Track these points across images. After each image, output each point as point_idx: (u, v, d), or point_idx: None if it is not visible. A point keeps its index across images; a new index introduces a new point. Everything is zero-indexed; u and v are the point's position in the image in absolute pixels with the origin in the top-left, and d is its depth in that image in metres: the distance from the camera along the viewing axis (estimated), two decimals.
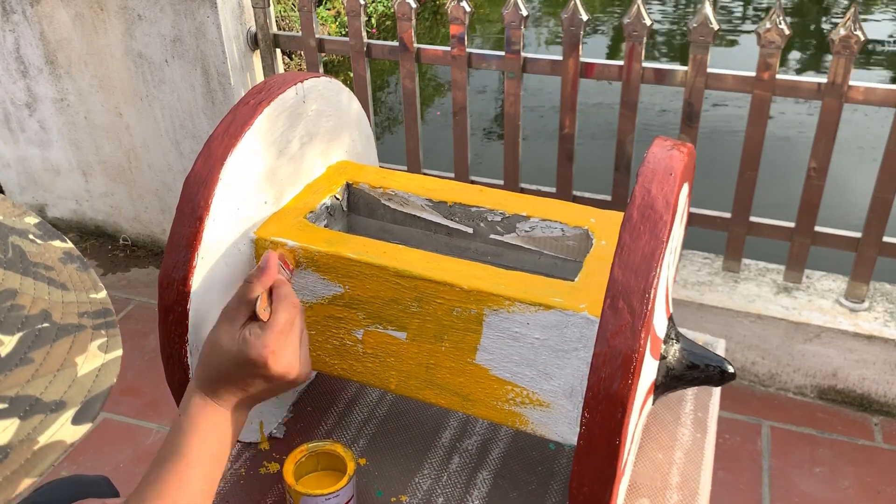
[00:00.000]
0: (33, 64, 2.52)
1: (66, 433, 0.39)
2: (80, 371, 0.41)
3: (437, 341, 0.84)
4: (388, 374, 0.89)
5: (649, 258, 0.68)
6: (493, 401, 0.84)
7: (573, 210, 0.95)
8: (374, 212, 1.04)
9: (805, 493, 1.81)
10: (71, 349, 0.42)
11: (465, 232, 0.99)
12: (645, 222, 0.70)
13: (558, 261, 0.96)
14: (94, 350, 0.43)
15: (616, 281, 0.68)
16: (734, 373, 0.85)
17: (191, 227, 0.82)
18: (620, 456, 0.69)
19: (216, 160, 0.83)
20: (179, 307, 0.82)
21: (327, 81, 0.99)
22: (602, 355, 0.67)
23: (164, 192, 2.64)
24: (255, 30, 2.31)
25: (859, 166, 3.64)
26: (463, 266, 0.84)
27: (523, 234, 0.96)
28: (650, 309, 0.67)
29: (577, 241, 0.94)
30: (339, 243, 0.88)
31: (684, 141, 0.82)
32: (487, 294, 0.80)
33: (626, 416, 0.67)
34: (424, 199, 0.99)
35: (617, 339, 0.67)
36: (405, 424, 1.04)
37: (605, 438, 0.68)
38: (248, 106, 0.87)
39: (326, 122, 1.02)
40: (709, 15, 1.83)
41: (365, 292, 0.86)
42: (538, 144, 3.91)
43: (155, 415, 2.09)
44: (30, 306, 0.42)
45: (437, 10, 6.48)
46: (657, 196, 0.72)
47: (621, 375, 0.67)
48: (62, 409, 0.39)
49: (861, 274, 2.00)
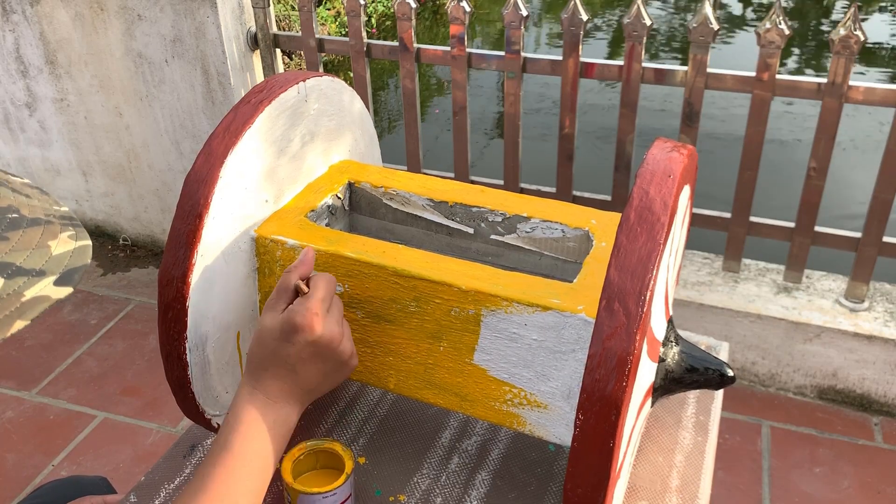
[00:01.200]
0: (33, 64, 2.52)
1: (49, 291, 0.41)
2: (55, 251, 0.44)
3: (436, 341, 0.84)
4: (387, 374, 0.89)
5: (646, 260, 0.68)
6: (491, 401, 0.84)
7: (574, 211, 0.95)
8: (375, 211, 1.04)
9: (805, 493, 1.81)
10: (42, 235, 0.44)
11: (466, 232, 0.99)
12: (642, 224, 0.70)
13: (559, 262, 0.96)
14: (65, 238, 0.46)
15: (612, 283, 0.68)
16: (733, 377, 0.85)
17: (190, 225, 0.82)
18: (615, 458, 0.69)
19: (216, 158, 0.84)
20: (178, 304, 0.82)
21: (330, 80, 0.99)
22: (597, 356, 0.67)
23: (164, 191, 2.64)
24: (255, 30, 2.31)
25: (857, 164, 3.64)
26: (461, 266, 0.84)
27: (524, 234, 0.96)
28: (646, 311, 0.67)
29: (577, 242, 0.93)
30: (338, 242, 0.88)
31: (684, 141, 0.82)
32: (485, 294, 0.80)
33: (620, 418, 0.67)
34: (426, 199, 0.99)
35: (612, 340, 0.67)
36: (405, 424, 1.04)
37: (600, 440, 0.68)
38: (250, 105, 0.88)
39: (328, 121, 1.02)
40: (709, 15, 1.83)
41: (364, 291, 0.86)
42: (539, 144, 3.91)
43: (155, 415, 2.09)
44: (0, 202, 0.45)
45: (437, 10, 6.48)
46: (655, 198, 0.71)
47: (616, 377, 0.66)
48: (42, 276, 0.42)
49: (861, 274, 2.00)
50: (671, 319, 0.87)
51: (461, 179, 2.28)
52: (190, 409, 0.90)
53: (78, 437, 2.02)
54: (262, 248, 0.90)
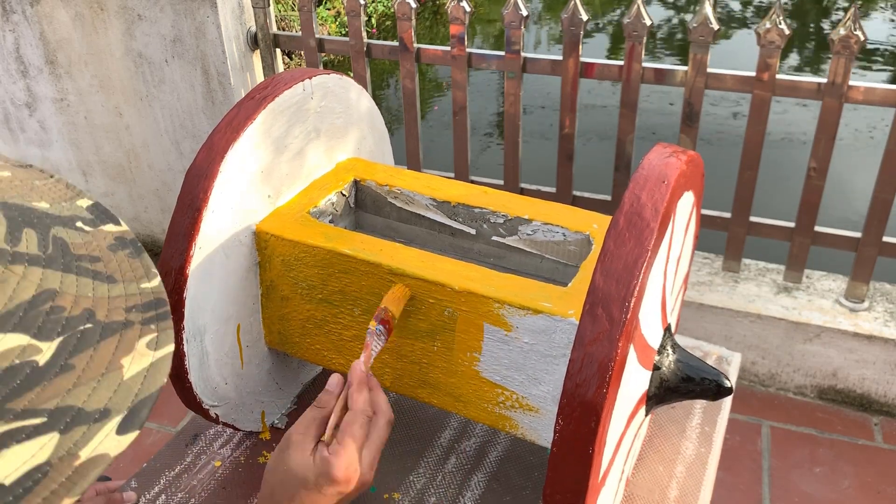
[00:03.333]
0: (33, 64, 2.52)
1: (109, 445, 0.35)
2: (127, 374, 0.38)
3: (430, 340, 0.85)
4: (383, 371, 0.89)
5: (632, 266, 0.67)
6: (484, 403, 0.84)
7: (576, 215, 0.95)
8: (380, 209, 1.05)
9: (805, 493, 1.81)
10: (116, 350, 0.38)
11: (468, 233, 0.99)
12: (631, 229, 0.69)
13: (559, 265, 0.95)
14: (142, 348, 0.39)
15: (596, 287, 0.67)
16: (731, 388, 0.83)
17: (189, 218, 0.83)
18: (595, 465, 0.68)
19: (217, 153, 0.84)
20: (176, 295, 0.83)
21: (337, 78, 0.99)
22: (578, 361, 0.66)
23: (164, 191, 2.64)
24: (255, 30, 2.31)
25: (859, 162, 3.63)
26: (457, 267, 0.84)
27: (525, 237, 0.96)
28: (630, 317, 0.66)
29: (578, 246, 0.93)
30: (336, 239, 0.88)
31: (684, 141, 0.81)
32: (478, 296, 0.80)
33: (601, 424, 0.66)
34: (429, 199, 0.99)
35: (594, 346, 0.66)
36: (404, 423, 1.04)
37: (579, 446, 0.67)
38: (254, 101, 0.88)
39: (335, 118, 1.02)
40: (709, 15, 1.82)
41: (360, 289, 0.87)
42: (540, 144, 3.91)
43: (155, 415, 2.09)
44: (71, 307, 0.38)
45: (437, 10, 6.48)
46: (646, 203, 0.70)
47: (596, 383, 0.65)
48: (106, 418, 0.36)
49: (861, 274, 2.00)
50: (669, 327, 0.86)
51: (461, 179, 2.28)
52: (188, 400, 0.91)
53: None
54: (262, 243, 0.91)
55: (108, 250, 0.43)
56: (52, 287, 0.39)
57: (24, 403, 0.34)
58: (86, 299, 0.39)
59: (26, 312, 0.37)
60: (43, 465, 0.33)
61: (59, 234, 0.42)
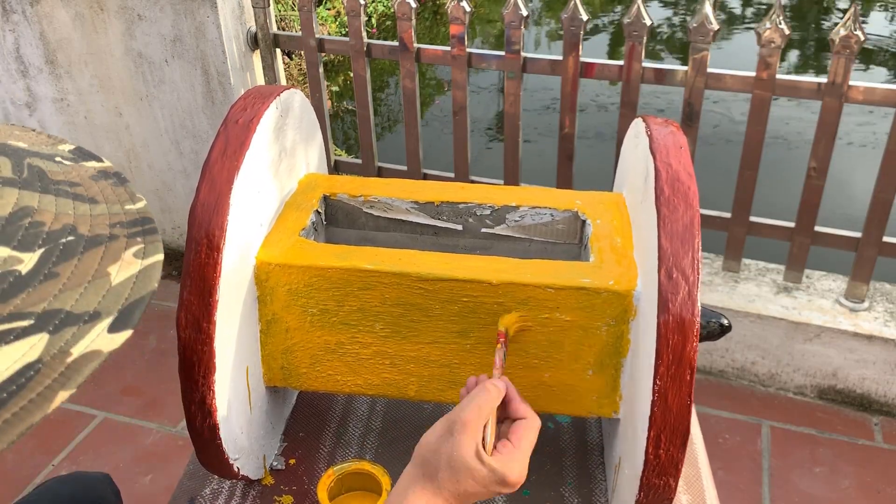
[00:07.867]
0: (33, 64, 2.52)
1: (102, 342, 0.37)
2: (115, 280, 0.39)
3: (463, 339, 0.84)
4: (408, 382, 0.88)
5: (690, 226, 0.73)
6: (520, 388, 0.84)
7: (558, 195, 0.99)
8: (354, 221, 1.02)
9: (805, 493, 1.81)
10: (102, 259, 0.39)
11: (452, 230, 0.99)
12: (676, 194, 0.74)
13: (548, 245, 0.98)
14: (129, 258, 0.40)
15: (665, 251, 0.72)
16: (730, 325, 0.89)
17: (210, 258, 0.77)
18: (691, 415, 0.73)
19: (221, 185, 0.79)
20: (205, 347, 0.77)
21: (291, 91, 0.97)
22: (668, 323, 0.71)
23: (164, 191, 2.64)
24: (255, 30, 2.31)
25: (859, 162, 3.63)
26: (479, 262, 0.84)
27: (513, 223, 0.97)
28: (699, 274, 0.72)
29: (566, 224, 0.97)
30: (349, 257, 0.85)
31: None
32: (517, 285, 0.81)
33: (693, 376, 0.72)
34: (409, 203, 0.99)
35: (678, 305, 0.71)
36: (406, 433, 1.04)
37: (679, 400, 0.71)
38: (239, 125, 0.84)
39: (294, 134, 0.99)
40: (709, 15, 1.83)
41: (384, 303, 0.84)
42: (542, 144, 3.91)
43: (155, 415, 2.09)
44: (51, 222, 0.40)
45: (437, 10, 6.48)
46: (679, 169, 0.76)
47: (687, 339, 0.71)
48: (96, 319, 0.37)
49: (861, 274, 2.00)
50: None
51: (461, 179, 2.28)
52: (215, 460, 0.85)
53: (78, 436, 2.02)
54: (263, 275, 0.86)
55: (89, 179, 0.44)
56: (29, 205, 0.40)
57: (9, 308, 0.36)
58: (66, 216, 0.40)
59: (4, 227, 0.38)
60: (34, 362, 0.35)
61: (34, 163, 0.44)
